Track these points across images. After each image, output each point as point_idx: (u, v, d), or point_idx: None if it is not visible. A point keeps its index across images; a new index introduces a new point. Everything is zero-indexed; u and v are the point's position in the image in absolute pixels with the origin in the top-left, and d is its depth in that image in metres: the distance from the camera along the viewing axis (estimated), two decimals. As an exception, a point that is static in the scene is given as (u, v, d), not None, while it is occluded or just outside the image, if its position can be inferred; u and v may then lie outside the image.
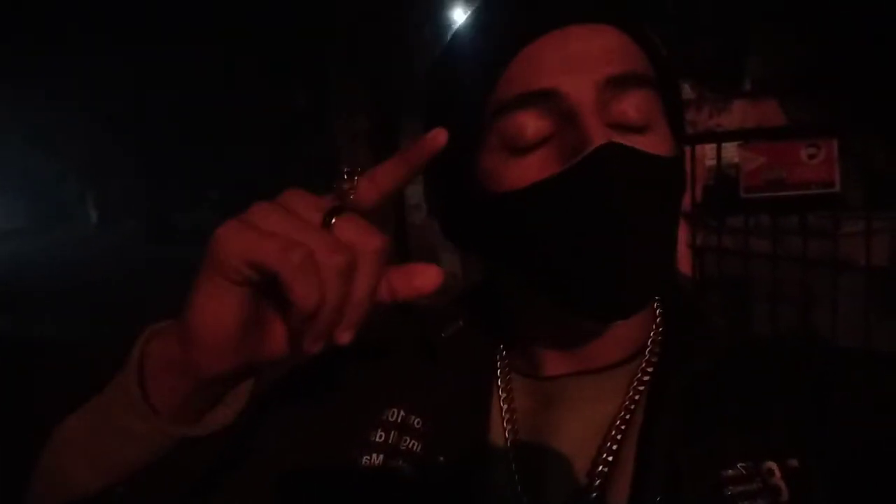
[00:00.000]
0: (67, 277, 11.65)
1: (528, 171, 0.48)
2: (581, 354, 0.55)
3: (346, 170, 0.45)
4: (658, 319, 0.57)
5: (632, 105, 0.48)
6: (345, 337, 0.41)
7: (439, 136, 0.43)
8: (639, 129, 0.49)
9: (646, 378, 0.54)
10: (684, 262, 3.52)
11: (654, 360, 0.55)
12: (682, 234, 3.85)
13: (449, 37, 0.54)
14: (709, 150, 3.72)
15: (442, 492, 0.51)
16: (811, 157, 3.37)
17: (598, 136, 0.46)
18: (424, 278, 0.43)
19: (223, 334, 0.41)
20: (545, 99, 0.48)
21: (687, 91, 5.52)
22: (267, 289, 0.41)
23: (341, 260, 0.39)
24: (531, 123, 0.48)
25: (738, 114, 5.32)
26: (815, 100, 5.13)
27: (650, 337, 0.56)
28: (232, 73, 9.93)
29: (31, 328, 7.50)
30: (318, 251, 0.38)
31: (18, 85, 15.54)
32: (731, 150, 3.80)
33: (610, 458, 0.51)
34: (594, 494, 0.50)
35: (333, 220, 0.41)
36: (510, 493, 0.52)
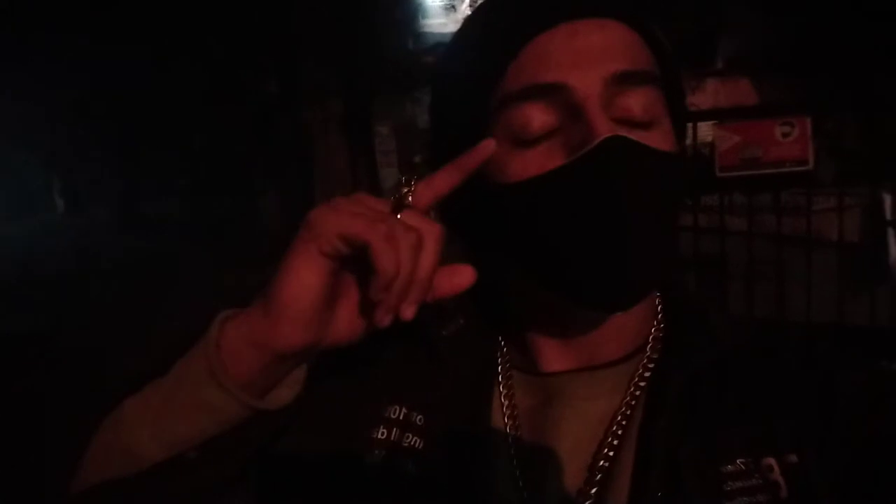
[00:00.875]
0: (33, 267, 11.38)
1: (533, 162, 0.49)
2: (581, 351, 0.56)
3: (403, 178, 0.50)
4: (659, 316, 0.58)
5: (637, 101, 0.49)
6: (409, 312, 0.46)
7: (489, 146, 0.48)
8: (643, 125, 0.49)
9: (646, 375, 0.55)
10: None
11: (654, 356, 0.56)
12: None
13: (459, 26, 0.55)
14: (683, 129, 3.73)
15: (444, 488, 0.52)
16: (785, 135, 3.40)
17: (604, 129, 0.46)
18: (462, 277, 0.49)
19: (308, 304, 0.46)
20: (552, 92, 0.48)
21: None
22: (347, 267, 0.48)
23: (414, 237, 0.45)
24: (537, 115, 0.49)
25: (710, 93, 5.34)
26: (787, 79, 5.17)
27: (651, 334, 0.57)
28: (201, 59, 9.74)
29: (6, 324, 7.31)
30: (396, 229, 0.45)
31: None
32: (704, 129, 3.83)
33: (611, 454, 0.52)
34: (594, 490, 0.51)
35: (400, 213, 0.48)
36: (512, 490, 0.53)
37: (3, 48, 13.32)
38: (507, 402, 0.57)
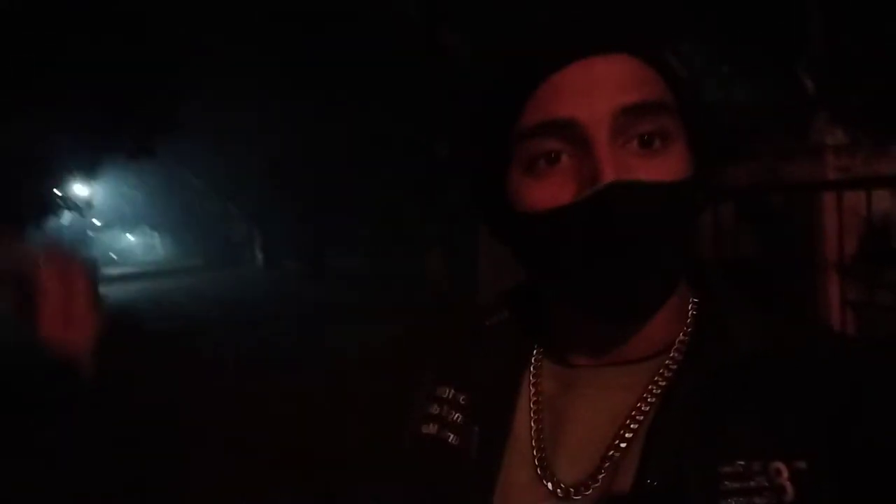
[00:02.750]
0: (236, 312, 12.81)
1: (546, 195, 0.52)
2: (608, 350, 0.59)
3: None
4: (689, 320, 0.59)
5: (646, 131, 0.51)
6: None
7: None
8: (654, 153, 0.52)
9: (668, 374, 0.56)
10: (836, 317, 3.29)
11: (678, 357, 0.57)
12: (834, 288, 3.59)
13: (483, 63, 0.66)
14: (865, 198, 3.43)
15: (474, 459, 0.59)
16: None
17: (608, 171, 0.49)
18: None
19: None
20: (564, 127, 0.51)
21: (840, 136, 5.19)
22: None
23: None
24: (550, 150, 0.52)
25: (896, 158, 4.93)
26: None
27: (678, 336, 0.58)
28: (381, 125, 10.57)
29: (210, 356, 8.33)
30: None
31: (198, 138, 17.54)
32: (885, 199, 3.56)
33: (622, 446, 0.55)
34: (601, 476, 0.54)
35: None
36: (529, 466, 0.58)
37: (215, 119, 15.45)
38: (533, 389, 0.61)
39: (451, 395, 0.63)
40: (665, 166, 0.52)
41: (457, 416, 0.62)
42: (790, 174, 5.39)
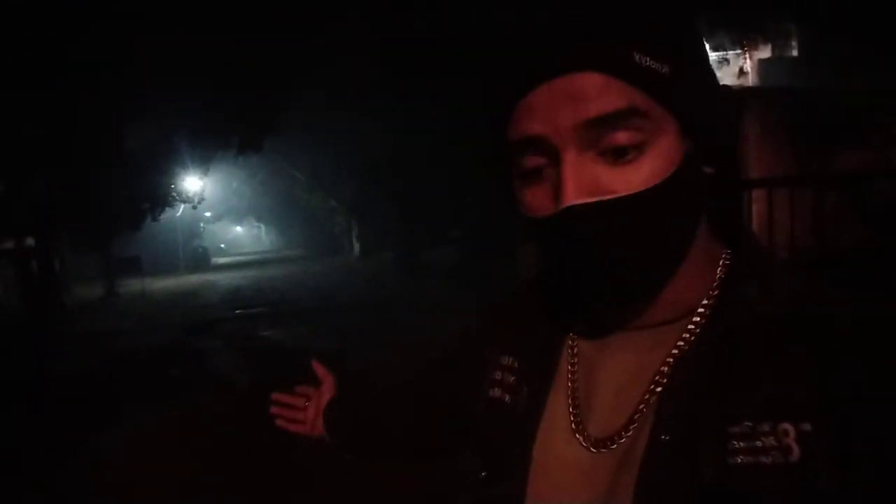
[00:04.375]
0: (332, 299, 13.32)
1: (532, 202, 0.57)
2: (636, 314, 0.62)
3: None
4: (717, 281, 0.61)
5: (618, 143, 0.53)
6: None
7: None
8: (626, 163, 0.53)
9: (691, 335, 0.59)
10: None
11: (702, 319, 0.59)
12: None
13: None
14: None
15: (522, 415, 0.66)
16: None
17: (568, 194, 0.53)
18: None
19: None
20: (537, 142, 0.55)
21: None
22: None
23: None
24: (530, 163, 0.56)
25: None
26: None
27: (704, 298, 0.60)
28: (471, 125, 10.67)
29: (301, 340, 8.77)
30: None
31: (303, 136, 18.32)
32: None
33: (643, 407, 0.58)
34: (629, 433, 0.58)
35: None
36: (565, 421, 0.63)
37: (318, 118, 16.12)
38: (572, 351, 0.67)
39: (509, 362, 0.70)
40: (638, 174, 0.53)
41: (512, 378, 0.69)
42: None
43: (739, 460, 0.50)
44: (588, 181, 0.53)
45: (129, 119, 11.96)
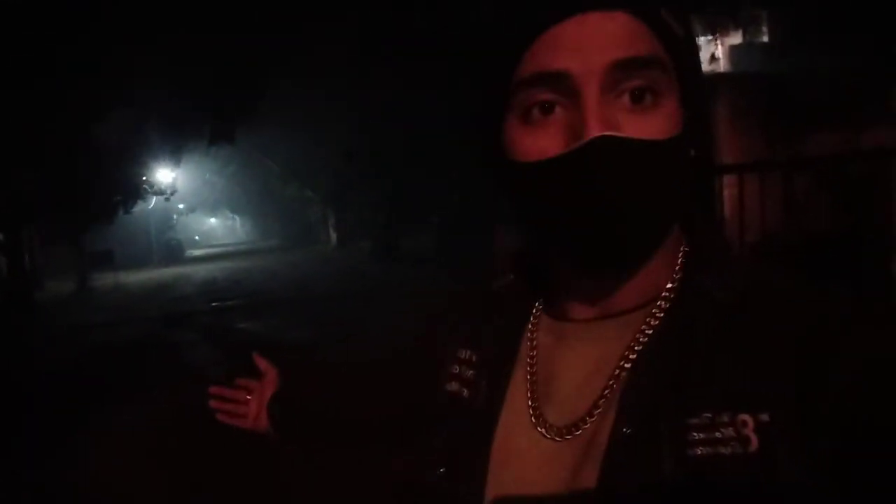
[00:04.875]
0: (309, 289, 13.26)
1: (537, 145, 0.54)
2: (598, 302, 0.61)
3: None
4: (677, 268, 0.61)
5: (637, 85, 0.52)
6: None
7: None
8: (643, 108, 0.53)
9: (654, 323, 0.58)
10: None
11: (665, 306, 0.59)
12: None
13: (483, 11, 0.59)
14: None
15: (480, 410, 0.65)
16: None
17: (593, 126, 0.51)
18: None
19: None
20: (557, 79, 0.52)
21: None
22: None
23: None
24: (544, 100, 0.53)
25: None
26: None
27: (666, 287, 0.60)
28: (447, 114, 10.63)
29: (277, 332, 8.73)
30: None
31: (277, 125, 18.15)
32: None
33: (606, 393, 0.57)
34: (589, 423, 0.57)
35: None
36: (524, 414, 0.62)
37: (293, 107, 15.97)
38: (530, 343, 0.66)
39: (467, 356, 0.69)
40: (653, 123, 0.53)
41: (470, 373, 0.68)
42: (869, 144, 5.14)
43: (699, 452, 0.50)
44: (610, 119, 0.52)
45: (101, 110, 11.76)
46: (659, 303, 0.59)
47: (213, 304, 12.30)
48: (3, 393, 6.45)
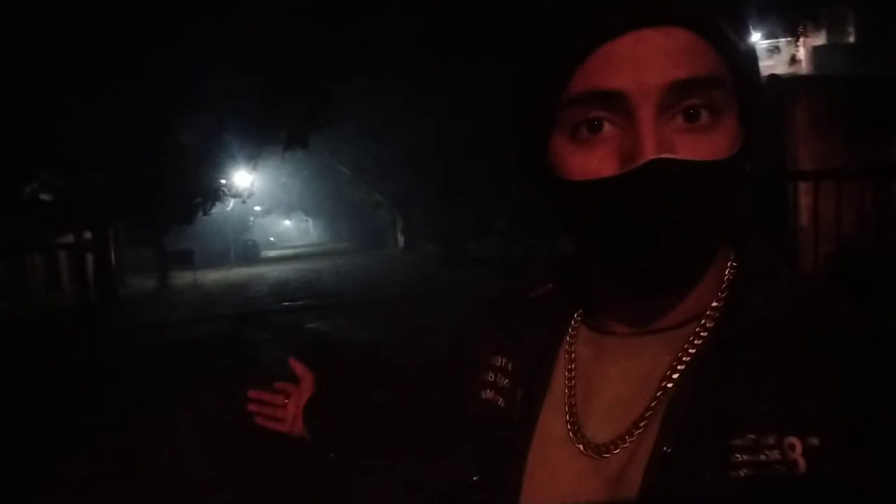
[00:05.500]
0: (377, 290, 13.47)
1: (588, 165, 0.52)
2: (642, 318, 0.59)
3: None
4: (724, 285, 0.59)
5: (693, 104, 0.50)
6: None
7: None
8: (699, 128, 0.51)
9: (698, 342, 0.56)
10: None
11: (709, 325, 0.57)
12: None
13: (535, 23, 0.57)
14: None
15: (515, 419, 0.64)
16: None
17: (649, 148, 0.49)
18: None
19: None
20: (611, 99, 0.50)
21: None
22: None
23: None
24: (594, 117, 0.51)
25: None
26: None
27: (712, 303, 0.58)
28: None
29: (345, 332, 8.90)
30: None
31: (347, 131, 18.55)
32: None
33: (648, 414, 0.55)
34: (630, 440, 0.56)
35: None
36: (562, 427, 0.61)
37: (364, 113, 16.27)
38: (570, 355, 0.64)
39: (502, 364, 0.68)
40: (710, 142, 0.50)
41: (505, 381, 0.66)
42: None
43: (742, 473, 0.48)
44: (665, 141, 0.50)
45: (183, 115, 12.34)
46: (703, 321, 0.57)
47: (285, 303, 12.64)
48: (89, 380, 6.81)
